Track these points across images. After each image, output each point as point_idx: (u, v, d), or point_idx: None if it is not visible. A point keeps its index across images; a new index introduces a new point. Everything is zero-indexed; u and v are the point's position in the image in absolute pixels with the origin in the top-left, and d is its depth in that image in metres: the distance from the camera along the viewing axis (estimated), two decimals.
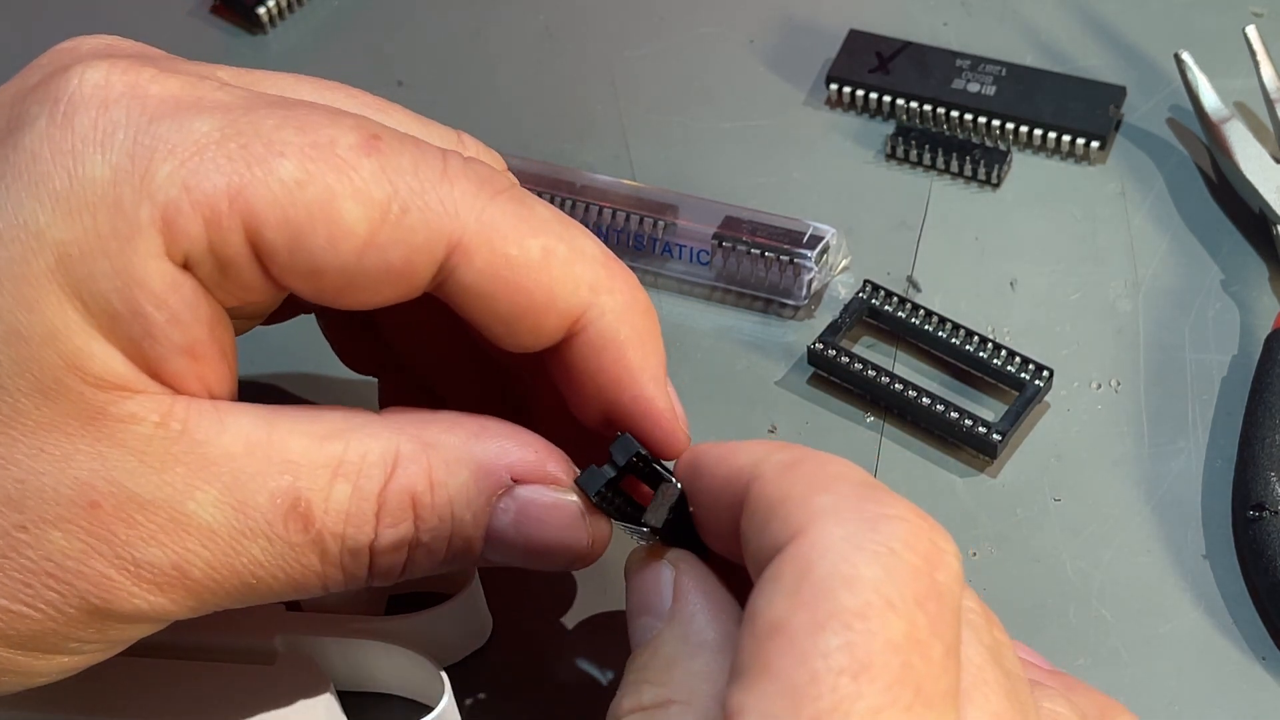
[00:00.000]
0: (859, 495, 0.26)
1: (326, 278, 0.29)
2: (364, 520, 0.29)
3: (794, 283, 0.42)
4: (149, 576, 0.28)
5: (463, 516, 0.30)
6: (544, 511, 0.30)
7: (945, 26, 0.50)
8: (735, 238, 0.42)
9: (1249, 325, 0.42)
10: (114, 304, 0.27)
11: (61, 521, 0.27)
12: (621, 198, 0.44)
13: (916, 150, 0.46)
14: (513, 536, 0.30)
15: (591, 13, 0.52)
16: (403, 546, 0.30)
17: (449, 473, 0.30)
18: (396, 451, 0.29)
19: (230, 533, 0.28)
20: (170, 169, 0.27)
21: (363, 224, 0.28)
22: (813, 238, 0.42)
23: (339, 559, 0.29)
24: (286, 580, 0.29)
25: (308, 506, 0.28)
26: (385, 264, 0.29)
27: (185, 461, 0.28)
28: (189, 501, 0.28)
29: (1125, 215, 0.44)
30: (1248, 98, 0.46)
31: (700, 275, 0.43)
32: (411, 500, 0.29)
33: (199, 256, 0.28)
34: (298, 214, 0.28)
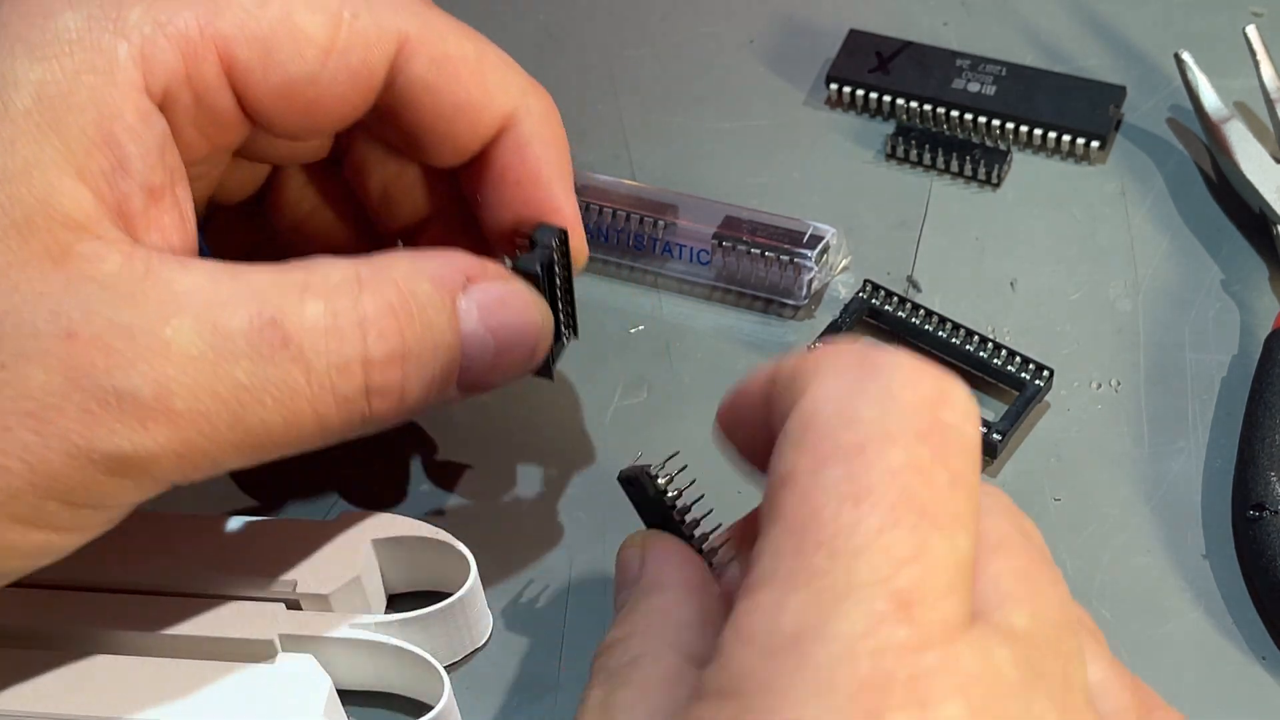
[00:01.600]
0: (859, 352, 0.26)
1: (296, 91, 0.31)
2: (346, 334, 0.29)
3: (794, 282, 0.42)
4: (131, 409, 0.28)
5: (438, 321, 0.31)
6: (501, 300, 0.32)
7: (945, 26, 0.50)
8: (735, 237, 0.42)
9: (1249, 325, 0.42)
10: (89, 134, 0.29)
11: (40, 355, 0.27)
12: (621, 198, 0.44)
13: (916, 150, 0.46)
14: (481, 333, 0.32)
15: (591, 13, 0.52)
16: (395, 360, 0.30)
17: (411, 282, 0.31)
18: (357, 274, 0.30)
19: (211, 355, 0.28)
20: (140, 11, 0.29)
21: (322, 30, 0.31)
22: (813, 237, 0.42)
23: (328, 380, 0.29)
24: (278, 410, 0.29)
25: (282, 321, 0.29)
26: (346, 67, 0.31)
27: (155, 295, 0.28)
28: (165, 328, 0.28)
29: (1125, 215, 0.44)
30: (1248, 98, 0.46)
31: (700, 275, 0.43)
32: (391, 309, 0.30)
33: (177, 89, 0.30)
34: (263, 30, 0.30)
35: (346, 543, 0.35)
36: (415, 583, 0.37)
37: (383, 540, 0.35)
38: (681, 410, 0.41)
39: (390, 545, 0.35)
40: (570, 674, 0.36)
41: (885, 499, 0.24)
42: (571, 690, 0.35)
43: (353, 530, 0.35)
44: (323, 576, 0.34)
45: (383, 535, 0.35)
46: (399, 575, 0.36)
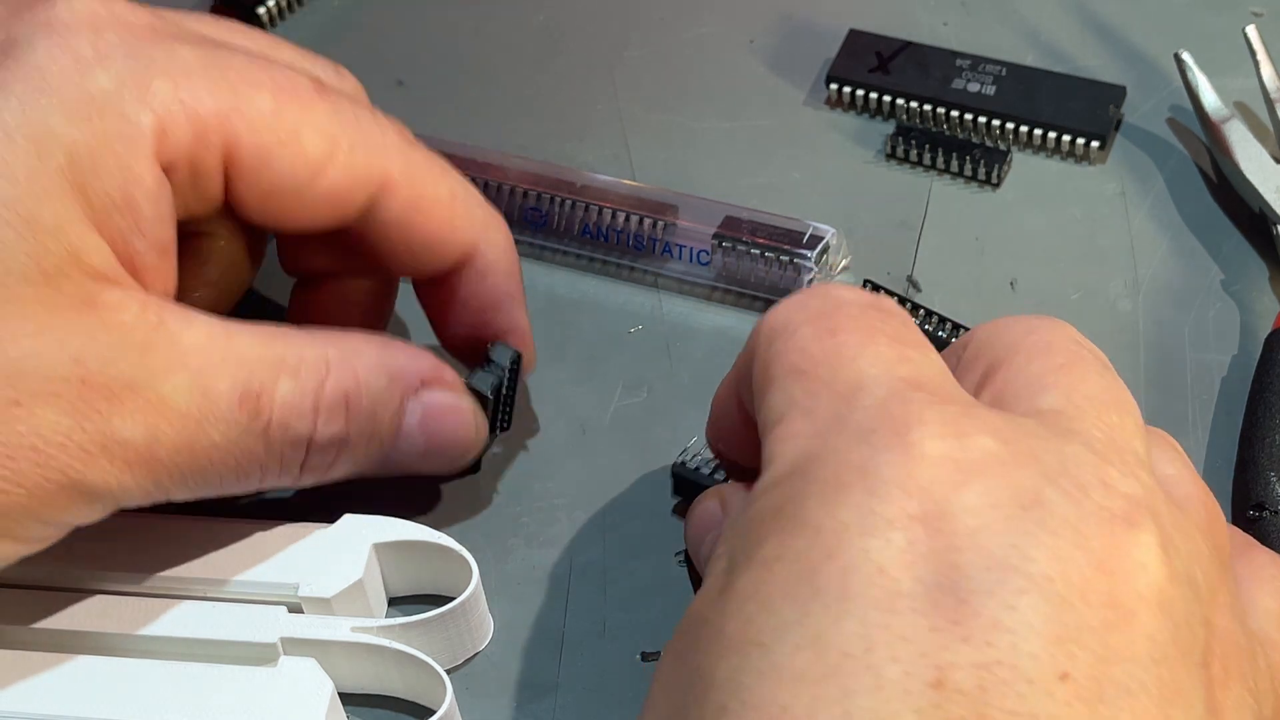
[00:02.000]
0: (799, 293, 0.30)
1: (280, 198, 0.33)
2: (305, 414, 0.32)
3: (794, 282, 0.42)
4: (123, 454, 0.30)
5: (383, 417, 0.34)
6: (445, 411, 0.35)
7: (945, 26, 0.50)
8: (735, 238, 0.42)
9: (1249, 325, 0.42)
10: (113, 197, 0.31)
11: (54, 397, 0.29)
12: (621, 198, 0.44)
13: (916, 150, 0.46)
14: (417, 435, 0.35)
15: (591, 13, 0.52)
16: (335, 444, 0.33)
17: (372, 376, 0.34)
18: (327, 357, 0.33)
19: (196, 416, 0.31)
20: (167, 86, 0.31)
21: (319, 154, 0.33)
22: (813, 237, 0.42)
23: (280, 449, 0.32)
24: (233, 467, 0.32)
25: (259, 396, 0.32)
26: (331, 190, 0.34)
27: (162, 349, 0.31)
28: (165, 384, 0.31)
29: (1125, 215, 0.44)
30: (1248, 98, 0.46)
31: (700, 275, 0.43)
32: (345, 400, 0.33)
33: (180, 164, 0.32)
34: (270, 139, 0.33)
35: (349, 546, 0.35)
36: (417, 586, 0.36)
37: (385, 544, 0.35)
38: (682, 410, 0.41)
39: (393, 549, 0.35)
40: (570, 673, 0.36)
41: (857, 330, 0.28)
42: (571, 691, 0.35)
43: (355, 534, 0.35)
44: (325, 580, 0.34)
45: (385, 539, 0.35)
46: (401, 579, 0.36)
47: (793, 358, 0.28)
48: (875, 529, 0.24)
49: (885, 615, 0.23)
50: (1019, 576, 0.23)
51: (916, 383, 0.26)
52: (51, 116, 0.30)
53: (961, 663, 0.23)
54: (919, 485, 0.24)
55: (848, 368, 0.27)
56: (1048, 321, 0.29)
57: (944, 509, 0.24)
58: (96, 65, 0.31)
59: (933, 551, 0.24)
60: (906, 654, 0.23)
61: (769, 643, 0.24)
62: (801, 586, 0.24)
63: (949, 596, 0.23)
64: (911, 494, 0.24)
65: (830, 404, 0.27)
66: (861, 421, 0.26)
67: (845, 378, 0.27)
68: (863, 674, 0.23)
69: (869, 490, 0.24)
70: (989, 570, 0.23)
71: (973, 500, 0.24)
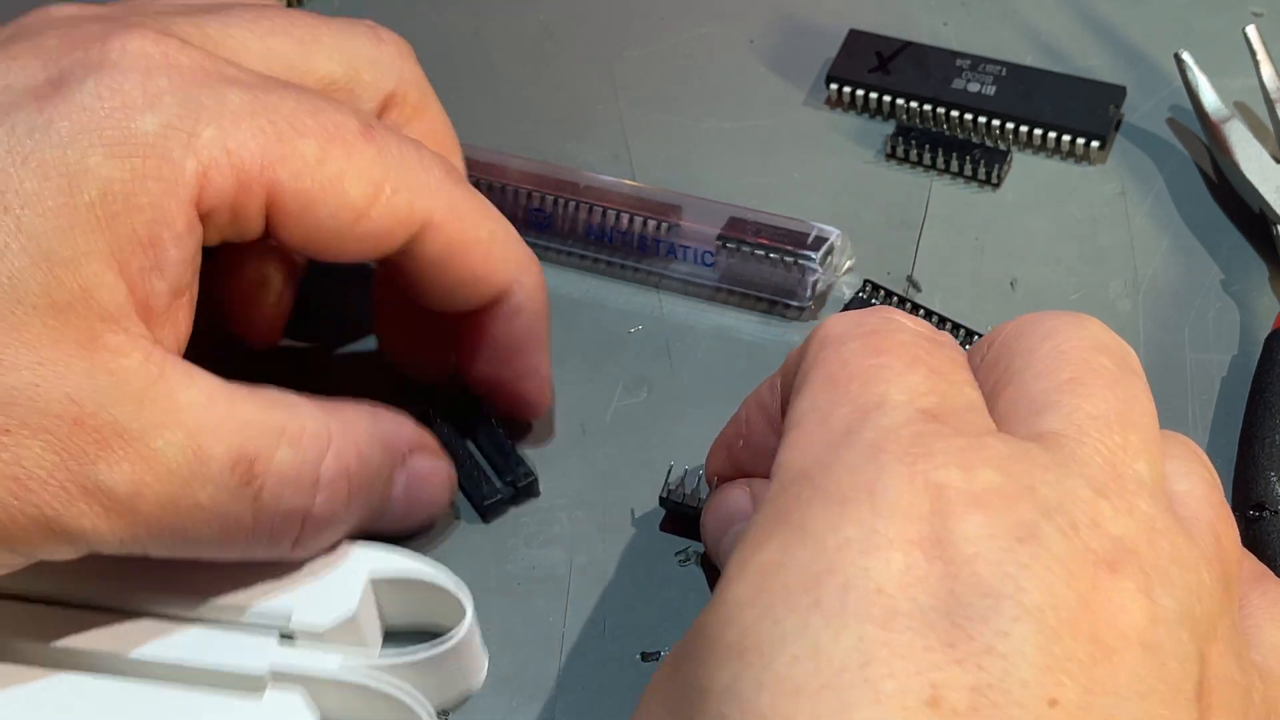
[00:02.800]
0: None
1: (320, 240, 0.33)
2: (303, 486, 0.32)
3: (798, 284, 0.42)
4: (103, 500, 0.30)
5: (376, 489, 0.34)
6: (428, 477, 0.36)
7: (945, 26, 0.50)
8: (739, 239, 0.42)
9: (1249, 325, 0.42)
10: (139, 235, 0.31)
11: (43, 432, 0.29)
12: (625, 198, 0.44)
13: (916, 150, 0.46)
14: (400, 502, 0.35)
15: (591, 13, 0.52)
16: (328, 519, 0.33)
17: (370, 449, 0.34)
18: (329, 430, 0.33)
19: (186, 475, 0.31)
20: (214, 132, 0.31)
21: (362, 199, 0.33)
22: (817, 239, 0.42)
23: (270, 519, 0.32)
24: (217, 531, 0.31)
25: (253, 462, 0.31)
26: (372, 232, 0.34)
27: (159, 402, 0.30)
28: (157, 439, 0.30)
29: (1125, 215, 0.44)
30: (1248, 98, 0.46)
31: (704, 276, 0.43)
32: (346, 474, 0.33)
33: (221, 208, 0.32)
34: (313, 186, 0.33)
35: (345, 577, 0.34)
36: (415, 620, 0.36)
37: (382, 578, 0.34)
38: (682, 410, 0.41)
39: (389, 583, 0.35)
40: (570, 673, 0.36)
41: (901, 356, 0.28)
42: (571, 691, 0.35)
43: (353, 564, 0.34)
44: (319, 610, 0.34)
45: (382, 572, 0.34)
46: (399, 611, 0.35)
47: (831, 367, 0.29)
48: (877, 549, 0.25)
49: (883, 632, 0.24)
50: (1013, 605, 0.24)
51: (936, 415, 0.27)
52: (91, 155, 0.30)
53: (955, 684, 0.23)
54: (921, 512, 0.25)
55: (876, 388, 0.28)
56: (1068, 323, 0.30)
57: (944, 536, 0.25)
58: (144, 108, 0.31)
59: (930, 576, 0.24)
60: (903, 671, 0.23)
61: (768, 652, 0.24)
62: (802, 597, 0.24)
63: (944, 620, 0.24)
64: (914, 519, 0.25)
65: (848, 417, 0.27)
66: (873, 440, 0.26)
67: (870, 396, 0.27)
68: (861, 688, 0.23)
69: (874, 510, 0.25)
70: (984, 597, 0.24)
71: (972, 530, 0.25)
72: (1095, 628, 0.24)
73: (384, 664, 0.34)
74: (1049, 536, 0.25)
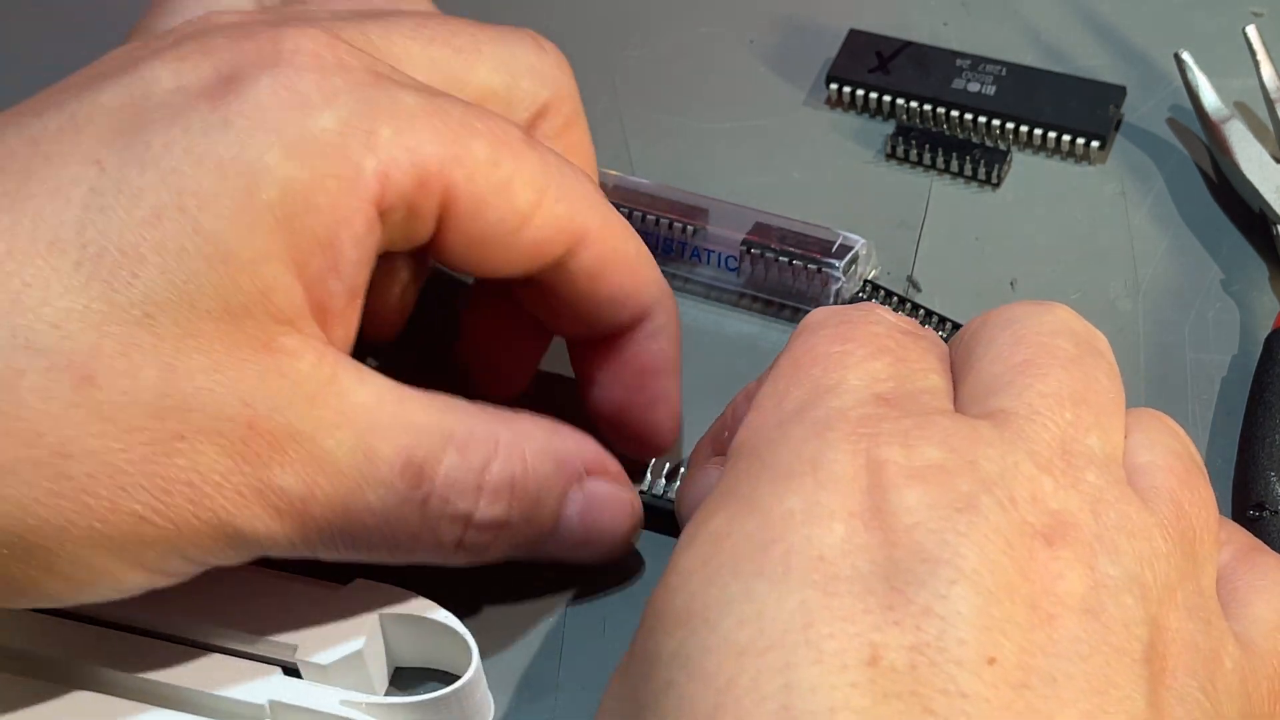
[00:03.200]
0: None
1: (485, 246, 0.33)
2: (468, 491, 0.32)
3: (821, 292, 0.42)
4: (275, 502, 0.30)
5: (545, 503, 0.33)
6: (606, 502, 0.35)
7: (945, 26, 0.50)
8: (764, 245, 0.42)
9: (1249, 325, 0.42)
10: (319, 236, 0.30)
11: (218, 436, 0.29)
12: (651, 200, 0.43)
13: (916, 150, 0.46)
14: (576, 524, 0.34)
15: (591, 13, 0.52)
16: (494, 526, 0.33)
17: (539, 461, 0.33)
18: (497, 437, 0.32)
19: (356, 476, 0.30)
20: (392, 131, 0.31)
21: (528, 204, 0.33)
22: (842, 247, 0.42)
23: (436, 523, 0.32)
24: (385, 534, 0.31)
25: (423, 465, 0.31)
26: (534, 240, 0.33)
27: (330, 403, 0.30)
28: (329, 439, 0.30)
29: (1125, 215, 0.44)
30: (1248, 98, 0.46)
31: (728, 281, 0.43)
32: (511, 482, 0.32)
33: (398, 208, 0.31)
34: (485, 188, 0.32)
35: (355, 613, 0.34)
36: (423, 660, 0.35)
37: (391, 616, 0.34)
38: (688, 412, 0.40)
39: (398, 621, 0.34)
40: (570, 673, 0.36)
41: (867, 345, 0.29)
42: (571, 691, 0.35)
43: (363, 600, 0.34)
44: (325, 645, 0.33)
45: (392, 611, 0.34)
46: (408, 650, 0.35)
47: (797, 352, 0.29)
48: (819, 519, 0.25)
49: (824, 597, 0.24)
50: (950, 569, 0.24)
51: (889, 400, 0.28)
52: (269, 153, 0.30)
53: (894, 644, 0.24)
54: (862, 485, 0.26)
55: (835, 373, 0.28)
56: (1031, 310, 0.30)
57: (883, 507, 0.25)
58: (322, 106, 0.30)
59: (871, 544, 0.25)
60: (843, 633, 0.24)
61: (714, 617, 0.25)
62: (748, 564, 0.25)
63: (883, 584, 0.24)
64: (855, 492, 0.26)
65: (801, 398, 0.28)
66: (821, 418, 0.27)
67: (828, 380, 0.28)
68: (803, 648, 0.24)
69: (817, 483, 0.26)
70: (923, 563, 0.25)
71: (911, 501, 0.25)
72: (1033, 594, 0.25)
73: (385, 704, 0.33)
74: (987, 508, 0.25)
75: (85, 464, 0.28)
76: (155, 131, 0.30)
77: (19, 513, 0.28)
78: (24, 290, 0.28)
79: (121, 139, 0.30)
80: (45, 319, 0.28)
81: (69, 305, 0.28)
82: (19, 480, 0.28)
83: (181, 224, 0.29)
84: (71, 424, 0.28)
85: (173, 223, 0.29)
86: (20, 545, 0.28)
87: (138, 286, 0.29)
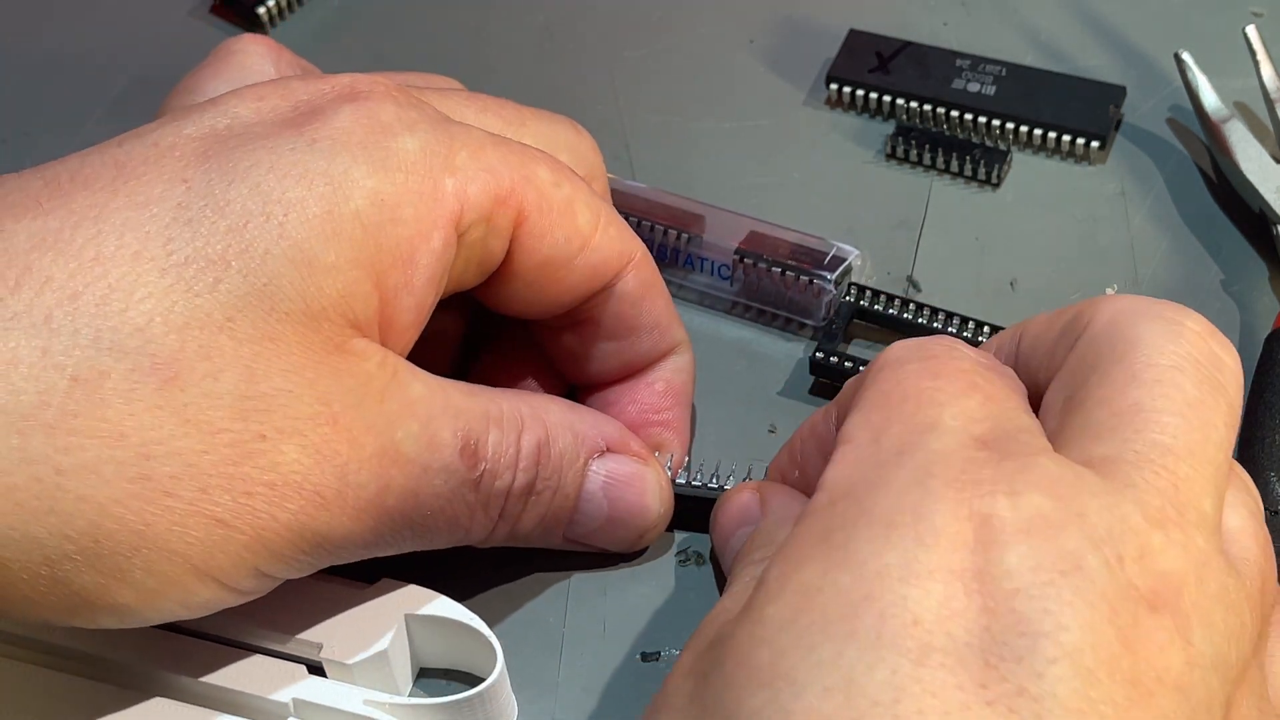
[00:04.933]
0: None
1: (549, 270, 0.34)
2: (510, 464, 0.33)
3: (813, 302, 0.41)
4: (355, 499, 0.30)
5: (568, 471, 0.34)
6: (629, 478, 0.35)
7: (945, 26, 0.50)
8: (758, 254, 0.42)
9: (1249, 325, 0.42)
10: (401, 249, 0.31)
11: (298, 435, 0.29)
12: (648, 206, 0.43)
13: (916, 150, 0.46)
14: (599, 499, 0.35)
15: (591, 13, 0.52)
16: (524, 493, 0.33)
17: (558, 431, 0.34)
18: (521, 412, 0.33)
19: (423, 463, 0.31)
20: (467, 154, 0.32)
21: (588, 226, 0.34)
22: (834, 259, 0.41)
23: (487, 498, 0.33)
24: (449, 517, 0.32)
25: (477, 445, 0.32)
26: (593, 263, 0.35)
27: (397, 398, 0.31)
28: (398, 431, 0.31)
29: (1125, 215, 0.44)
30: (1248, 98, 0.46)
31: (722, 289, 0.43)
32: (537, 449, 0.33)
33: (476, 226, 0.32)
34: (553, 208, 0.34)
35: (380, 613, 0.34)
36: (448, 661, 0.35)
37: (416, 616, 0.34)
38: None
39: (423, 622, 0.34)
40: (570, 673, 0.36)
41: (957, 381, 0.28)
42: (571, 691, 0.35)
43: (389, 601, 0.34)
44: (350, 644, 0.33)
45: (417, 611, 0.34)
46: (432, 651, 0.35)
47: (886, 386, 0.29)
48: (916, 577, 0.25)
49: (916, 668, 0.24)
50: (1050, 644, 0.24)
51: (988, 442, 0.27)
52: (355, 167, 0.31)
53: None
54: (965, 541, 0.25)
55: (930, 410, 0.28)
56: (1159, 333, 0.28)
57: (986, 568, 0.25)
58: (402, 131, 0.32)
59: (969, 610, 0.24)
60: (933, 709, 0.23)
61: (801, 680, 0.24)
62: (838, 625, 0.25)
63: (979, 658, 0.24)
64: (957, 548, 0.25)
65: (898, 437, 0.27)
66: (922, 463, 0.26)
67: (923, 418, 0.28)
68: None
69: (918, 537, 0.25)
70: (1021, 636, 0.24)
71: (1014, 562, 0.25)
72: (1135, 669, 0.24)
73: (409, 704, 0.33)
74: (1094, 570, 0.24)
75: (168, 465, 0.28)
76: (242, 153, 0.30)
77: (97, 515, 0.28)
78: (109, 294, 0.28)
79: (208, 161, 0.30)
80: (130, 322, 0.28)
81: (153, 309, 0.29)
82: (100, 480, 0.28)
83: (267, 229, 0.29)
84: (155, 425, 0.28)
85: (258, 229, 0.29)
86: (95, 550, 0.28)
87: (221, 290, 0.29)
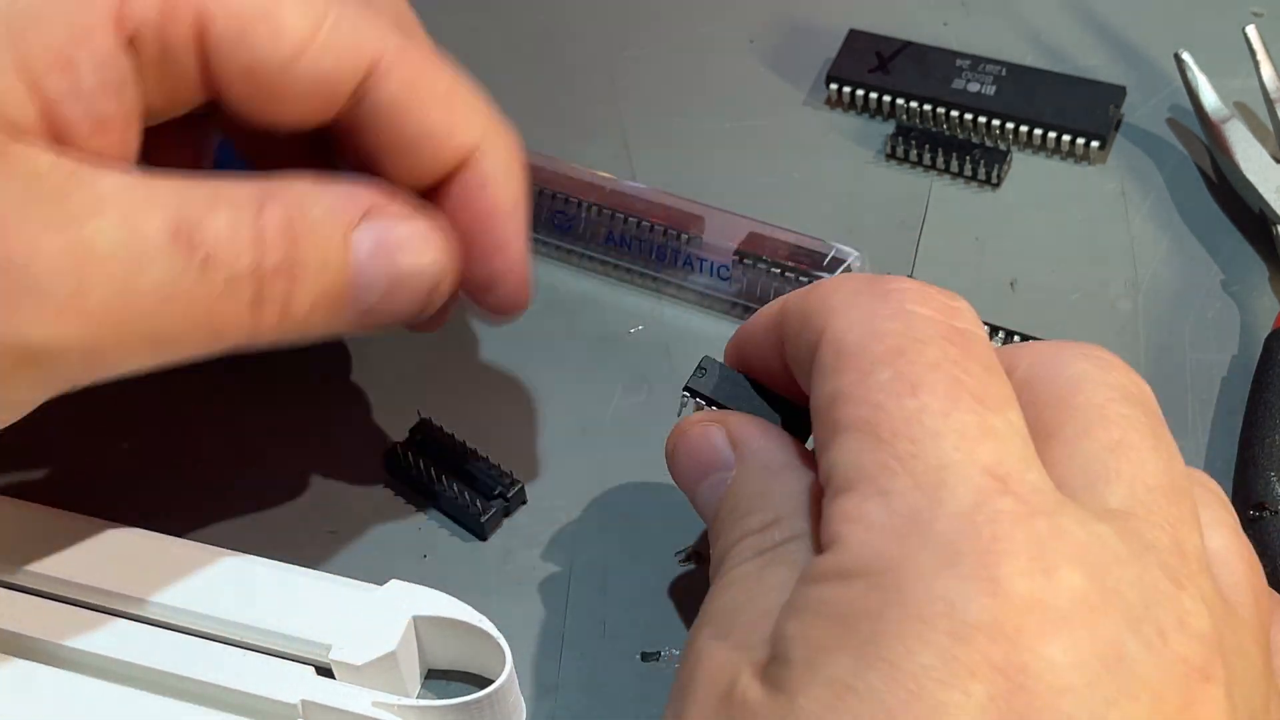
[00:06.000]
0: (866, 282, 0.29)
1: (261, 78, 0.31)
2: (247, 244, 0.30)
3: None
4: (47, 302, 0.28)
5: (328, 243, 0.31)
6: (397, 239, 0.32)
7: (945, 26, 0.50)
8: (756, 255, 0.42)
9: (1249, 325, 0.42)
10: (52, 51, 0.29)
11: None
12: (647, 206, 0.43)
13: (916, 150, 0.46)
14: (372, 268, 0.32)
15: (591, 13, 0.52)
16: (282, 273, 0.31)
17: (309, 204, 0.31)
18: (260, 190, 0.31)
19: (127, 256, 0.29)
20: None
21: (302, 28, 0.31)
22: (834, 260, 0.41)
23: (224, 285, 0.30)
24: (180, 313, 0.30)
25: (193, 228, 0.29)
26: (315, 71, 0.31)
27: (79, 194, 0.29)
28: (87, 226, 0.29)
29: (1125, 215, 0.44)
30: (1248, 98, 0.46)
31: (721, 290, 0.43)
32: (288, 222, 0.31)
33: (147, 36, 0.30)
34: (243, 10, 0.31)
35: (389, 614, 0.34)
36: (457, 663, 0.35)
37: (424, 618, 0.34)
38: None
39: (431, 624, 0.34)
40: (570, 673, 0.36)
41: (937, 388, 0.26)
42: (571, 691, 0.35)
43: (398, 602, 0.34)
44: (358, 646, 0.33)
45: (426, 613, 0.34)
46: (441, 653, 0.35)
47: (864, 412, 0.26)
48: (956, 679, 0.23)
49: None
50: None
51: (999, 474, 0.25)
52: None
53: None
54: (1005, 633, 0.24)
55: (930, 448, 0.25)
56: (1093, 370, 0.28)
57: (1028, 663, 0.23)
58: None
59: (1013, 712, 0.23)
60: None
61: None
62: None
63: None
64: (997, 640, 0.23)
65: (910, 497, 0.25)
66: (946, 534, 0.25)
67: (927, 463, 0.25)
68: None
69: (953, 633, 0.24)
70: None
71: (1058, 656, 0.23)
72: None
73: (417, 706, 0.33)
74: (1136, 657, 0.24)
75: None
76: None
77: None
78: None
79: None
80: None
81: None
82: None
83: None
84: None
85: None
86: None
87: None
